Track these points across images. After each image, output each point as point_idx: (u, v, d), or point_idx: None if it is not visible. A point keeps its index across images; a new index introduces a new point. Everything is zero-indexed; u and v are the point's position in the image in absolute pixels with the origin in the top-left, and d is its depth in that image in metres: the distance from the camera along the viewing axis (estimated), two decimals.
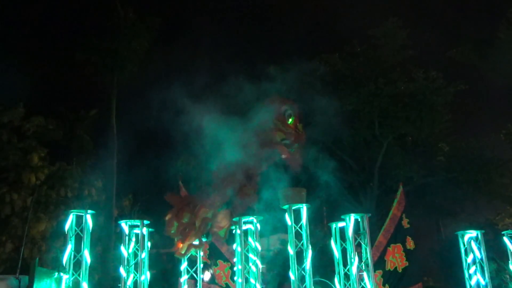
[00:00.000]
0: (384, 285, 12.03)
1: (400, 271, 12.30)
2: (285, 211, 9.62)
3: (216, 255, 12.00)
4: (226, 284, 11.80)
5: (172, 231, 9.48)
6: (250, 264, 9.52)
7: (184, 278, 10.26)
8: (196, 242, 10.10)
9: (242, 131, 9.77)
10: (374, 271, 11.62)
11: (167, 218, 9.67)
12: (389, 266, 12.23)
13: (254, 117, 9.83)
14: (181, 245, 9.53)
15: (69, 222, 9.23)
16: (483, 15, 25.74)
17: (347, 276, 10.09)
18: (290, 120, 9.68)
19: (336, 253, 10.33)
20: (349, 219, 9.99)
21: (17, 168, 20.51)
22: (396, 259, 12.36)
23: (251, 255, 9.55)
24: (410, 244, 12.68)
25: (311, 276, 9.14)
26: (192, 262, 10.53)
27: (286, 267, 10.69)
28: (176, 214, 9.48)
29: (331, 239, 10.60)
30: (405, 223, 12.80)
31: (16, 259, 16.38)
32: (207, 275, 11.62)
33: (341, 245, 10.34)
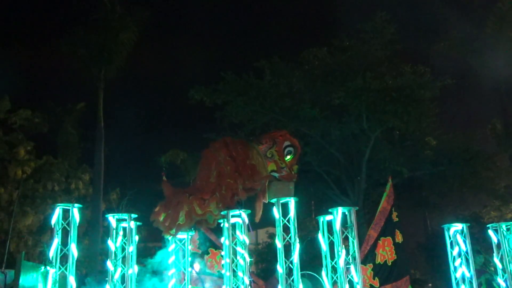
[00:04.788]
0: (374, 278, 12.10)
1: (389, 264, 12.37)
2: (273, 204, 9.64)
3: (207, 243, 11.96)
4: (219, 272, 11.74)
5: (161, 220, 9.52)
6: (238, 257, 9.55)
7: (172, 271, 10.25)
8: (183, 236, 10.13)
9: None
10: (365, 264, 11.71)
11: (156, 209, 9.71)
12: (379, 260, 12.29)
13: (255, 137, 10.16)
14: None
15: (56, 216, 9.17)
16: (470, 10, 25.91)
17: (334, 269, 10.16)
18: (289, 157, 10.02)
19: (324, 246, 10.38)
20: (337, 212, 10.03)
21: (3, 161, 20.35)
22: (386, 252, 12.43)
23: (239, 248, 9.57)
24: (399, 237, 12.77)
25: (299, 269, 9.19)
26: (180, 255, 10.51)
27: (274, 260, 10.72)
28: (165, 205, 9.53)
29: (318, 232, 10.64)
30: (394, 216, 12.87)
31: (2, 253, 16.26)
32: (197, 266, 11.57)
33: (329, 238, 10.39)
